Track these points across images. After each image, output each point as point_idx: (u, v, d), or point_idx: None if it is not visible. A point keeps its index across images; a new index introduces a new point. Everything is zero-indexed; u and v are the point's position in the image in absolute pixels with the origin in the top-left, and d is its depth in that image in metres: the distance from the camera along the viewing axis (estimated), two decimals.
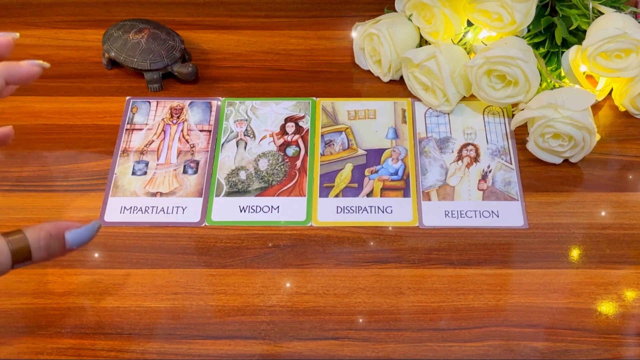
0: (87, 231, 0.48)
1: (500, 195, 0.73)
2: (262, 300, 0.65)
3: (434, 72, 0.76)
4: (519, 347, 0.62)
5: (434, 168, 0.75)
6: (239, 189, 0.74)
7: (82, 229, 0.48)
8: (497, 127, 0.78)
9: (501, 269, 0.67)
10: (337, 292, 0.66)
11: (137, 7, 0.93)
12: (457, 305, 0.65)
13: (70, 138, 0.78)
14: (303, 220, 0.71)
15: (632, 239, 0.69)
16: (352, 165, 0.75)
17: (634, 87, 0.76)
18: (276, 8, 0.93)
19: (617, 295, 0.65)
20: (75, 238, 0.48)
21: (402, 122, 0.79)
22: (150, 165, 0.76)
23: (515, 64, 0.72)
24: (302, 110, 0.81)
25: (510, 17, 0.75)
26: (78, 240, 0.48)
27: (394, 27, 0.80)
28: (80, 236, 0.48)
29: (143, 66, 0.81)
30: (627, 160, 0.76)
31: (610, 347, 0.62)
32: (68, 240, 0.47)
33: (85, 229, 0.48)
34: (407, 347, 0.62)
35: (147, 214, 0.72)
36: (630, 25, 0.72)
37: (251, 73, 0.85)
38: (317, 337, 0.63)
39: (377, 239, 0.70)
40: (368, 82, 0.84)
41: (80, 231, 0.48)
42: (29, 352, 0.62)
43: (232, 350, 0.62)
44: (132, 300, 0.65)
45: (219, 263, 0.68)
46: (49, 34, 0.89)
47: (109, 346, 0.62)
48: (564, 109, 0.70)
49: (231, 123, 0.79)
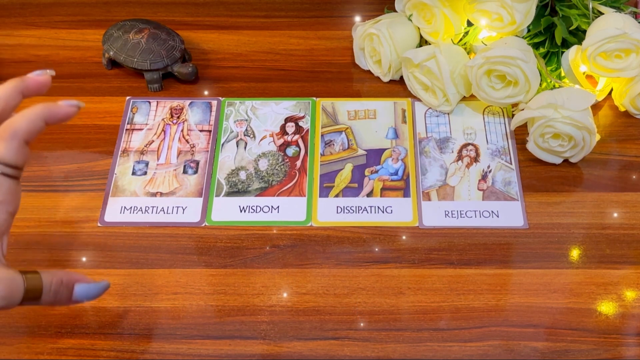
0: (96, 288, 0.52)
1: (500, 195, 0.73)
2: (262, 300, 0.65)
3: (434, 72, 0.76)
4: (519, 347, 0.62)
5: (434, 168, 0.75)
6: (239, 189, 0.74)
7: (91, 284, 0.51)
8: (497, 127, 0.78)
9: (501, 269, 0.67)
10: (337, 292, 0.66)
11: (137, 7, 0.93)
12: (457, 305, 0.65)
13: (70, 138, 0.78)
14: (303, 220, 0.71)
15: (632, 239, 0.69)
16: (352, 165, 0.75)
17: (634, 87, 0.76)
18: (276, 8, 0.93)
19: (617, 295, 0.65)
20: (83, 292, 0.51)
21: (402, 122, 0.79)
22: (150, 165, 0.76)
23: (515, 64, 0.72)
24: (302, 110, 0.81)
25: (510, 17, 0.75)
26: (85, 295, 0.51)
27: (394, 27, 0.80)
28: (87, 291, 0.51)
29: (143, 66, 0.81)
30: (627, 160, 0.76)
31: (610, 347, 0.62)
32: (76, 292, 0.50)
33: (94, 285, 0.51)
34: (407, 347, 0.62)
35: (147, 214, 0.72)
36: (630, 25, 0.72)
37: (251, 73, 0.85)
38: (317, 337, 0.63)
39: (377, 239, 0.70)
40: (368, 82, 0.84)
41: (89, 287, 0.51)
42: (29, 352, 0.62)
43: (232, 350, 0.62)
44: (132, 300, 0.65)
45: (219, 263, 0.68)
46: (49, 34, 0.89)
47: (109, 346, 0.62)
48: (564, 109, 0.70)
49: (231, 123, 0.79)
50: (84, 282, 0.51)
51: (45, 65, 0.85)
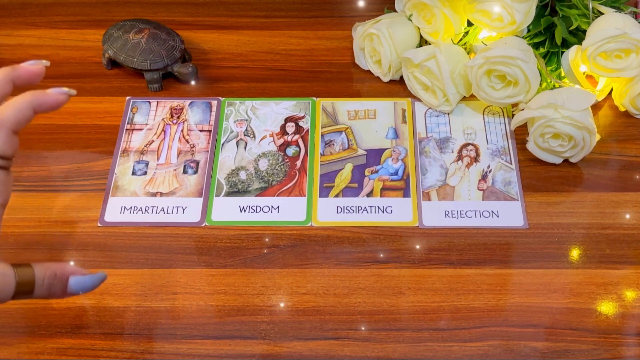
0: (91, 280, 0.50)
1: (500, 195, 0.73)
2: (262, 300, 0.65)
3: (434, 72, 0.76)
4: (519, 347, 0.62)
5: (434, 168, 0.75)
6: (239, 189, 0.74)
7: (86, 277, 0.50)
8: (497, 127, 0.78)
9: (501, 269, 0.67)
10: (337, 292, 0.66)
11: (137, 7, 0.93)
12: (457, 305, 0.65)
13: (70, 138, 0.78)
14: (303, 220, 0.71)
15: (632, 239, 0.69)
16: (352, 165, 0.75)
17: (634, 87, 0.76)
18: (276, 8, 0.93)
19: (617, 295, 0.65)
20: (77, 285, 0.49)
21: (402, 122, 0.79)
22: (150, 165, 0.76)
23: (515, 64, 0.72)
24: (302, 110, 0.81)
25: (510, 17, 0.75)
26: (80, 287, 0.49)
27: (394, 27, 0.80)
28: (82, 284, 0.49)
29: (143, 66, 0.81)
30: (627, 160, 0.76)
31: (610, 347, 0.62)
32: (71, 285, 0.49)
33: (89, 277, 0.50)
34: (407, 347, 0.62)
35: (147, 214, 0.72)
36: (630, 25, 0.72)
37: (251, 73, 0.85)
38: (317, 337, 0.63)
39: (377, 239, 0.70)
40: (368, 82, 0.84)
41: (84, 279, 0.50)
42: (29, 352, 0.62)
43: (232, 350, 0.62)
44: (132, 300, 0.65)
45: (219, 263, 0.68)
46: (49, 34, 0.89)
47: (109, 346, 0.62)
48: (564, 109, 0.70)
49: (231, 123, 0.79)
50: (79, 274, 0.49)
51: None
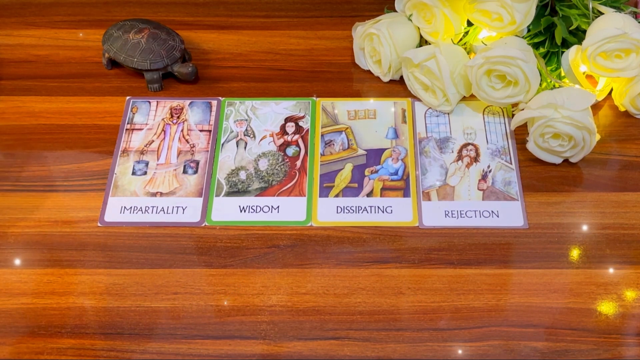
0: None
1: (500, 195, 0.73)
2: (262, 300, 0.65)
3: (434, 72, 0.76)
4: (519, 347, 0.62)
5: (434, 168, 0.75)
6: (239, 189, 0.74)
7: None
8: (497, 127, 0.78)
9: (501, 269, 0.67)
10: (337, 292, 0.66)
11: (137, 7, 0.93)
12: (457, 305, 0.65)
13: (70, 138, 0.78)
14: (303, 220, 0.71)
15: (632, 239, 0.69)
16: (352, 165, 0.75)
17: (634, 87, 0.76)
18: (276, 8, 0.93)
19: (617, 295, 0.65)
20: None
21: (402, 122, 0.79)
22: (150, 165, 0.76)
23: (515, 64, 0.72)
24: (302, 110, 0.81)
25: (510, 17, 0.75)
26: None
27: (394, 27, 0.80)
28: None
29: (143, 66, 0.81)
30: (627, 160, 0.76)
31: (610, 347, 0.62)
32: None
33: None
34: (407, 347, 0.62)
35: (147, 214, 0.72)
36: (630, 25, 0.72)
37: (251, 73, 0.85)
38: (317, 337, 0.63)
39: (377, 239, 0.70)
40: (368, 82, 0.84)
41: None
42: (29, 352, 0.62)
43: (232, 350, 0.62)
44: (132, 300, 0.65)
45: (219, 263, 0.68)
46: (49, 34, 0.89)
47: (109, 346, 0.62)
48: (564, 109, 0.70)
49: (231, 123, 0.79)
50: None
51: (45, 65, 0.85)
